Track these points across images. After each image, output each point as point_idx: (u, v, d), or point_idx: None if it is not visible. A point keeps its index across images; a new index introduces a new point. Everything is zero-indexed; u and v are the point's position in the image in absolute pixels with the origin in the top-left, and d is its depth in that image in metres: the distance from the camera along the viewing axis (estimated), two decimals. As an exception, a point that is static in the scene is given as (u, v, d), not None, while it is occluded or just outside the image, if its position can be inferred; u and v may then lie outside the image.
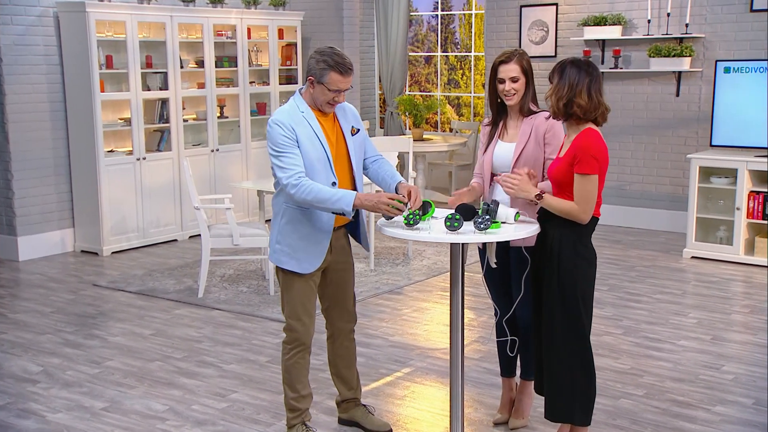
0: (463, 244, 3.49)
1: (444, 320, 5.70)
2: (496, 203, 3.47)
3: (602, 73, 6.88)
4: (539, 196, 3.45)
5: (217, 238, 6.18)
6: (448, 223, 3.38)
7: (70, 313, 5.94)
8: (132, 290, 6.45)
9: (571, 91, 3.40)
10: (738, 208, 6.92)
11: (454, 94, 11.73)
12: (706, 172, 7.18)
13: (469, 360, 4.87)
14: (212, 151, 8.38)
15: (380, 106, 11.38)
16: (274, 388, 4.57)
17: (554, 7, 8.63)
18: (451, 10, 11.72)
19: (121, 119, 7.82)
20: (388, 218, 3.56)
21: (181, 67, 8.07)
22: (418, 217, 3.47)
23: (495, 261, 3.77)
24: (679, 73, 7.95)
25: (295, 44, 9.26)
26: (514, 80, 3.75)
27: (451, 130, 10.94)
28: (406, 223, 3.47)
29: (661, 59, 7.89)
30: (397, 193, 3.72)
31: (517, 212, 3.52)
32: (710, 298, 6.10)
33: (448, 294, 6.29)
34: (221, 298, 6.20)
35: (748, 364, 4.83)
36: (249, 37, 8.75)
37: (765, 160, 6.81)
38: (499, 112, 3.92)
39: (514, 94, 3.77)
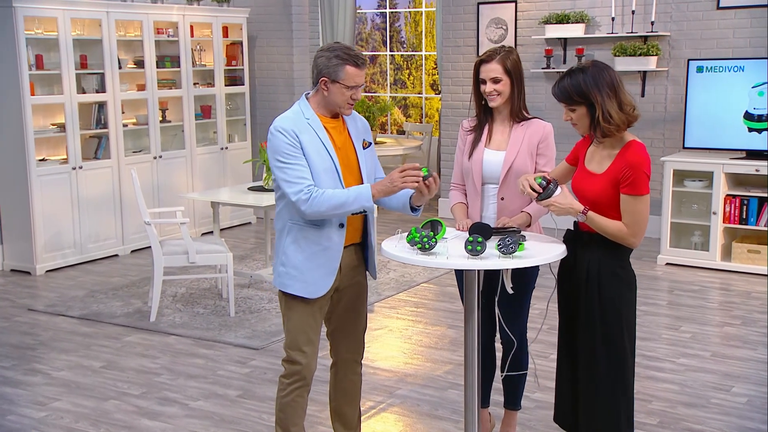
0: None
1: (420, 341, 5.27)
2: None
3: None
4: (585, 211, 3.04)
5: (170, 255, 5.61)
6: (470, 247, 2.95)
7: (5, 344, 5.29)
8: (74, 315, 5.82)
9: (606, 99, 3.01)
10: (714, 213, 6.68)
11: (402, 95, 11.32)
12: (680, 175, 6.92)
13: (457, 387, 4.45)
14: (155, 158, 7.76)
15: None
16: (249, 428, 4.06)
17: (513, 4, 8.29)
18: (396, 8, 11.30)
19: (53, 125, 7.14)
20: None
21: (120, 67, 7.43)
22: (433, 240, 3.02)
23: (512, 286, 3.36)
24: (644, 72, 7.70)
25: (241, 43, 8.69)
26: (495, 81, 3.44)
27: (401, 132, 10.52)
28: (420, 248, 3.02)
29: (626, 58, 7.62)
30: (410, 203, 3.26)
31: None
32: (697, 308, 5.82)
33: (421, 311, 5.95)
34: (176, 321, 5.62)
35: (757, 384, 4.53)
36: (192, 35, 8.16)
37: (742, 162, 6.59)
38: (485, 115, 3.58)
39: (497, 95, 3.45)
